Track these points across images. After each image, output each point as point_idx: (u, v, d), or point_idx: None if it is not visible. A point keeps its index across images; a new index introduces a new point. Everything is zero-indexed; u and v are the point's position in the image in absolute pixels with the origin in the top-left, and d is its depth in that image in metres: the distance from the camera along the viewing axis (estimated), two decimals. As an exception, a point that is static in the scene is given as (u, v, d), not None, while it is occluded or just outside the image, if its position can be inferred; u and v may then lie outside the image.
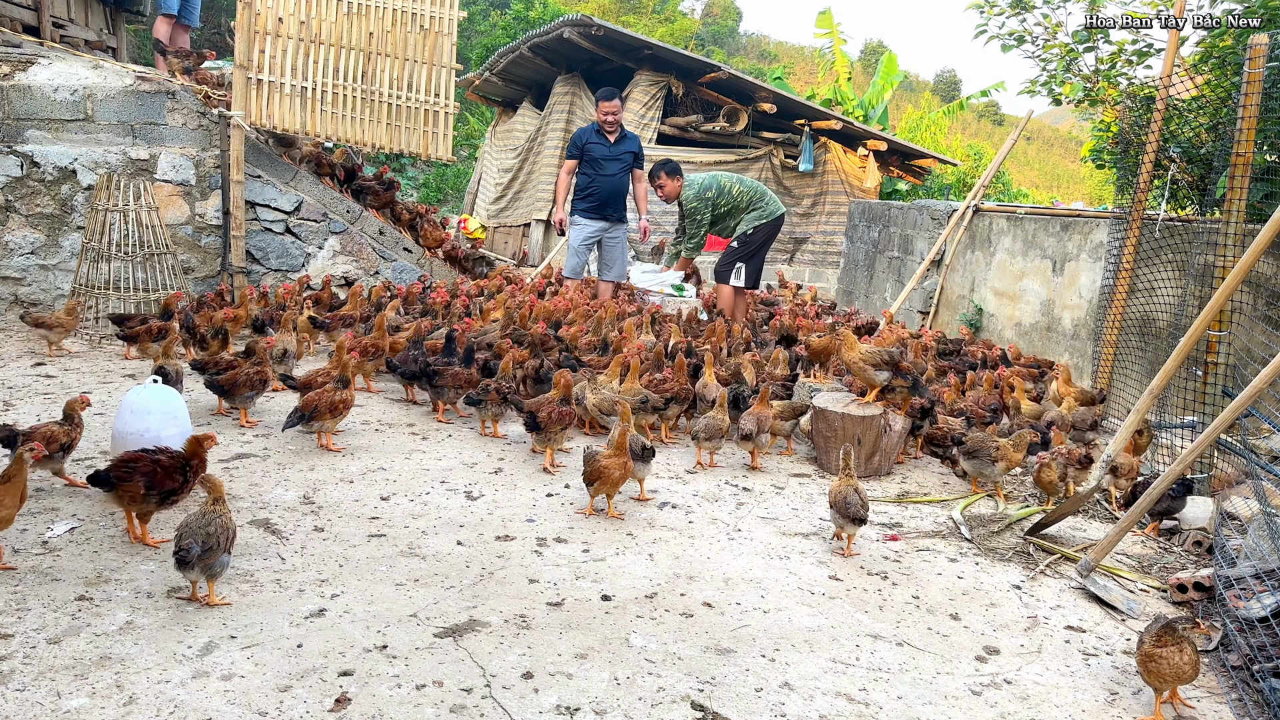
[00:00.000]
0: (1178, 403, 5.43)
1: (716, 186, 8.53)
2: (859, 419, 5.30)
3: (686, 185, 8.52)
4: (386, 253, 9.04)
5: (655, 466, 5.30)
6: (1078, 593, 3.99)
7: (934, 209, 10.39)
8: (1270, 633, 3.30)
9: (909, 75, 41.35)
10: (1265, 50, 5.00)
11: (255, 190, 8.48)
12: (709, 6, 49.54)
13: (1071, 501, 4.65)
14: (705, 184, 8.53)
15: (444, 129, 8.59)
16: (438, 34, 8.42)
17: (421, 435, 5.56)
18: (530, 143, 16.61)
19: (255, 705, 2.76)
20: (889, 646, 3.40)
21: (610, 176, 8.94)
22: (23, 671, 2.86)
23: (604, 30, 13.69)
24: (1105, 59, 7.93)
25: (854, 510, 4.06)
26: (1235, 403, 3.68)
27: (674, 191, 8.56)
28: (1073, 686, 3.21)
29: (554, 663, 3.10)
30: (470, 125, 25.08)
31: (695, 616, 3.52)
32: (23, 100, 8.03)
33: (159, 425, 4.25)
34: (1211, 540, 4.35)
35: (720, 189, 8.52)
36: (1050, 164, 46.96)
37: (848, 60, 21.51)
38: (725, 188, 8.54)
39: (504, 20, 28.31)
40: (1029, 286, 8.45)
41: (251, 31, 8.05)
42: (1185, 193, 6.80)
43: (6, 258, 8.16)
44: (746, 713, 2.91)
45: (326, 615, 3.33)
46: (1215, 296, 4.25)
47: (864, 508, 4.08)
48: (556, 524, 4.33)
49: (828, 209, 15.97)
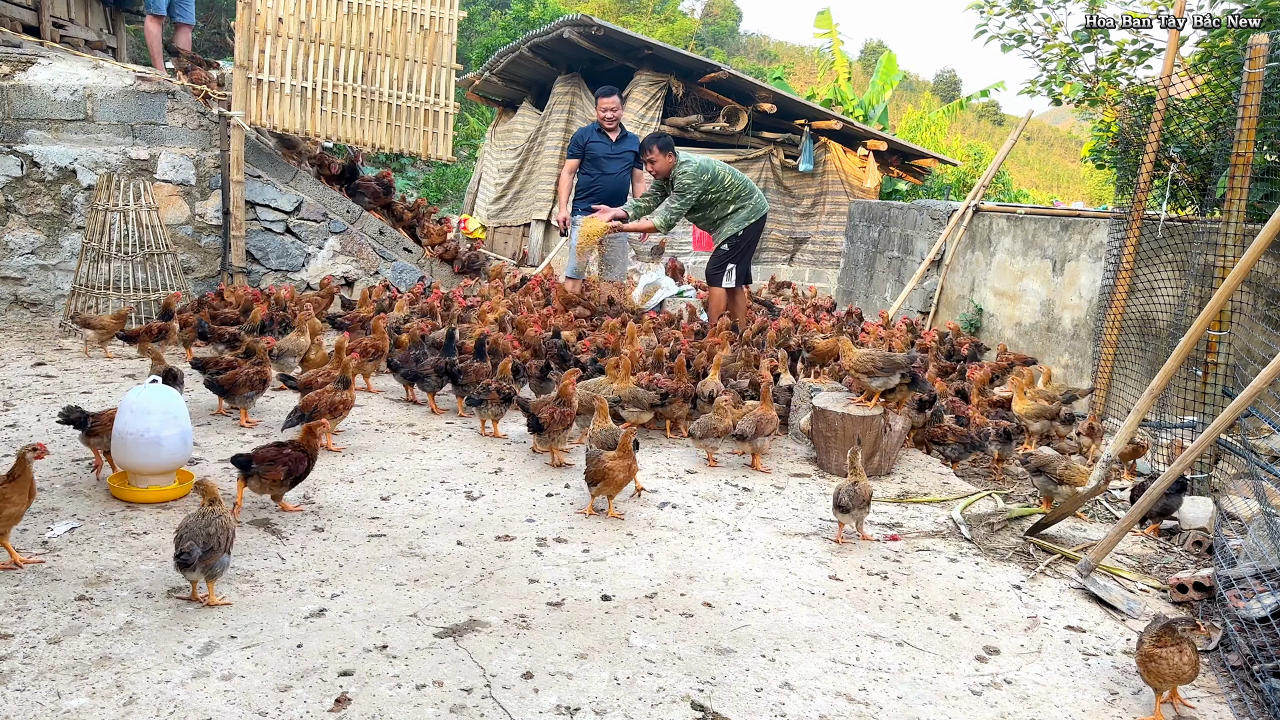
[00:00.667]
0: (1178, 403, 5.43)
1: (712, 172, 8.23)
2: (859, 419, 5.30)
3: (683, 163, 8.18)
4: (386, 253, 9.04)
5: (655, 466, 5.31)
6: (1078, 593, 3.99)
7: (934, 209, 10.40)
8: (1270, 633, 3.30)
9: (909, 75, 41.37)
10: (1265, 50, 5.00)
11: (255, 190, 8.48)
12: (709, 6, 49.54)
13: (1071, 501, 4.64)
14: (702, 166, 8.22)
15: (444, 129, 8.59)
16: (438, 34, 8.42)
17: (421, 435, 5.56)
18: (530, 143, 16.61)
19: (255, 705, 2.76)
20: (889, 646, 3.40)
21: (612, 175, 8.89)
22: (23, 671, 2.86)
23: (604, 30, 13.69)
24: (1105, 59, 7.93)
25: (840, 499, 4.24)
26: (1235, 403, 3.68)
27: (665, 168, 8.15)
28: (1073, 686, 3.21)
29: (554, 663, 3.10)
30: (470, 125, 25.08)
31: (695, 616, 3.52)
32: (23, 100, 8.03)
33: (159, 425, 4.24)
34: (1211, 540, 4.35)
35: (715, 175, 8.22)
36: (1050, 164, 46.95)
37: (847, 60, 21.51)
38: (719, 176, 8.25)
39: (504, 20, 28.32)
40: (1029, 286, 8.45)
41: (251, 31, 8.05)
42: (1185, 193, 6.80)
43: (6, 258, 8.16)
44: (746, 713, 2.91)
45: (326, 615, 3.33)
46: (1215, 296, 4.25)
47: (851, 498, 4.23)
48: (556, 524, 4.34)
49: (828, 209, 15.97)
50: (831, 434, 5.39)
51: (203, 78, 9.19)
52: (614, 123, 8.90)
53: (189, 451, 4.44)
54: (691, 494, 4.89)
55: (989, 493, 5.20)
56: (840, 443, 5.34)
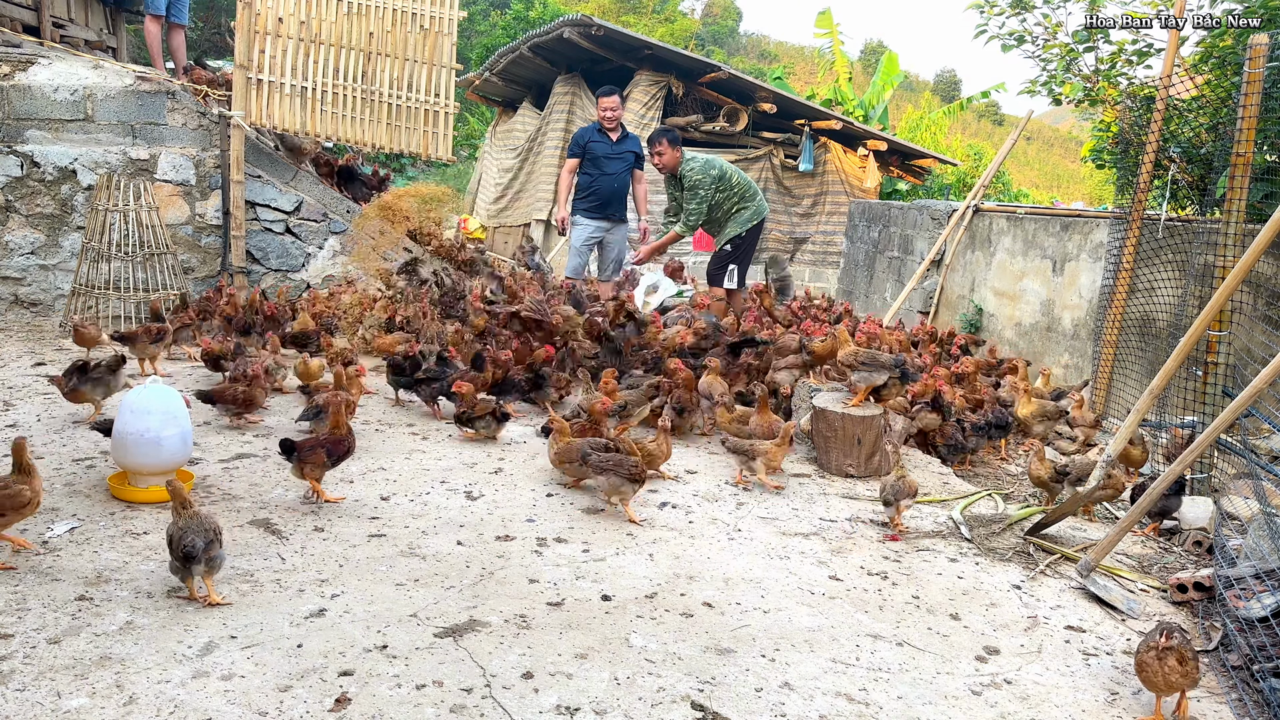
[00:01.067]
0: (1178, 403, 5.43)
1: (720, 168, 8.12)
2: (859, 419, 5.30)
3: (689, 159, 8.08)
4: (387, 253, 9.03)
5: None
6: (1078, 593, 3.99)
7: (934, 209, 10.39)
8: (1270, 633, 3.30)
9: (909, 75, 41.34)
10: (1265, 50, 5.00)
11: (255, 190, 8.48)
12: (709, 6, 49.53)
13: (1071, 501, 4.65)
14: (710, 161, 8.12)
15: (444, 129, 8.58)
16: (438, 34, 8.42)
17: (422, 435, 5.56)
18: (530, 143, 16.62)
19: (255, 705, 2.76)
20: (889, 646, 3.40)
21: (612, 175, 8.87)
22: (23, 671, 2.86)
23: (604, 30, 13.70)
24: (1105, 59, 7.93)
25: (884, 494, 4.51)
26: (1235, 403, 3.68)
27: (673, 161, 8.03)
28: (1073, 686, 3.21)
29: (554, 663, 3.10)
30: (470, 125, 25.09)
31: (695, 616, 3.52)
32: (23, 100, 8.03)
33: (159, 425, 4.24)
34: (1211, 540, 4.35)
35: (723, 173, 8.11)
36: (1050, 164, 46.92)
37: (848, 60, 21.52)
38: (727, 174, 8.13)
39: (504, 20, 28.32)
40: (1029, 286, 8.45)
41: (251, 31, 8.04)
42: (1185, 193, 6.80)
43: (6, 258, 8.16)
44: (746, 713, 2.91)
45: (326, 615, 3.33)
46: (1215, 296, 4.25)
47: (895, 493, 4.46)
48: (556, 524, 4.33)
49: (828, 209, 15.97)
50: (831, 434, 5.39)
51: (202, 77, 9.19)
52: (614, 122, 8.90)
53: (189, 451, 4.44)
54: (691, 494, 4.89)
55: (989, 493, 5.19)
56: (840, 443, 5.35)
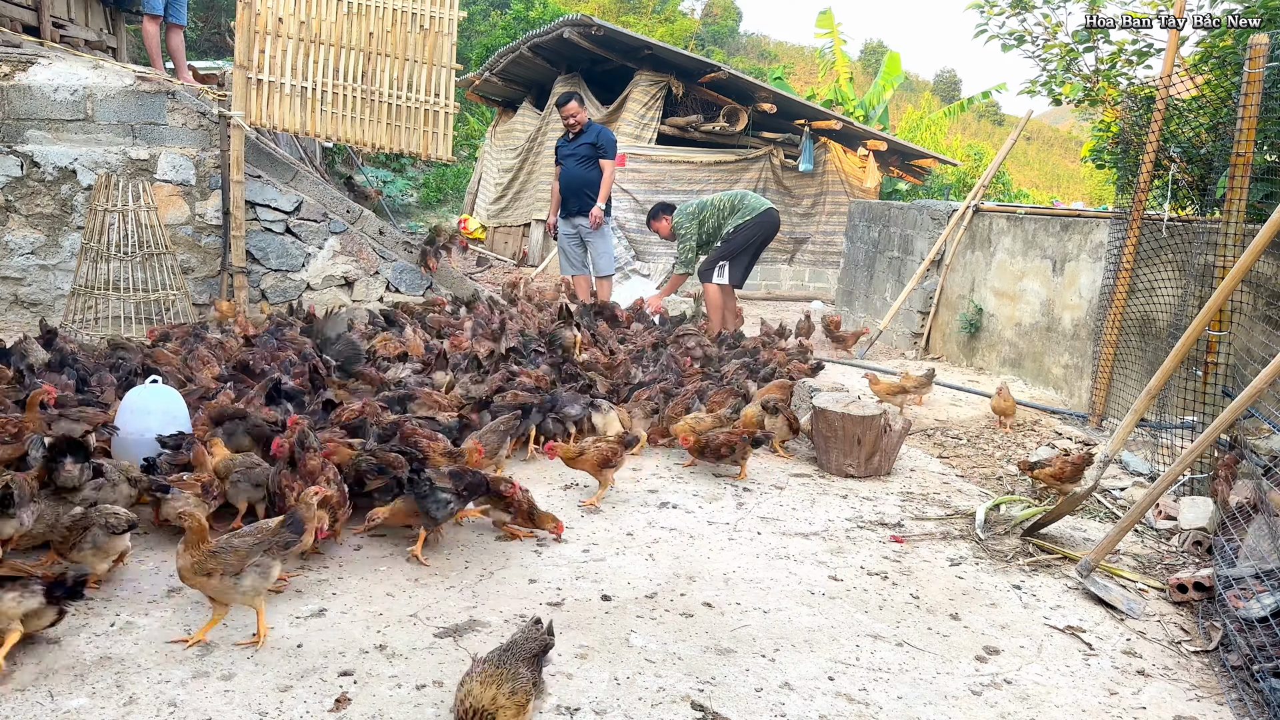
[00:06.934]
0: (1178, 403, 5.42)
1: (698, 204, 9.08)
2: (859, 419, 5.31)
3: (676, 214, 9.09)
4: (387, 253, 9.03)
5: (655, 466, 5.32)
6: (1078, 593, 3.99)
7: (934, 209, 10.39)
8: (1270, 633, 3.29)
9: (909, 75, 41.36)
10: (1265, 50, 4.99)
11: (255, 190, 8.48)
12: (709, 6, 49.49)
13: (1069, 501, 4.64)
14: (688, 205, 9.13)
15: (444, 129, 8.58)
16: (438, 34, 8.41)
17: (421, 435, 5.56)
18: (530, 143, 16.61)
19: (255, 705, 2.76)
20: (889, 646, 3.40)
21: (566, 169, 9.48)
22: (22, 671, 2.86)
23: (604, 30, 13.69)
24: (1105, 59, 7.91)
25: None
26: (1235, 403, 3.67)
27: (667, 229, 9.14)
28: (1073, 686, 3.21)
29: (554, 662, 3.09)
30: (470, 125, 25.07)
31: (695, 616, 3.52)
32: (23, 100, 8.03)
33: (159, 425, 4.25)
34: (1211, 540, 4.35)
35: (702, 204, 9.04)
36: (1050, 164, 46.90)
37: (848, 60, 21.50)
38: (707, 201, 9.09)
39: (504, 20, 28.28)
40: (1029, 286, 8.45)
41: (251, 31, 8.04)
42: (1185, 193, 6.79)
43: (6, 258, 8.16)
44: (746, 713, 2.90)
45: (326, 615, 3.33)
46: (1214, 296, 4.25)
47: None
48: (556, 524, 4.33)
49: (828, 209, 15.96)
50: (831, 434, 5.39)
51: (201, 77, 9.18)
52: (576, 127, 9.46)
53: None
54: (691, 494, 4.89)
55: (1017, 497, 5.19)
56: (840, 443, 5.35)
